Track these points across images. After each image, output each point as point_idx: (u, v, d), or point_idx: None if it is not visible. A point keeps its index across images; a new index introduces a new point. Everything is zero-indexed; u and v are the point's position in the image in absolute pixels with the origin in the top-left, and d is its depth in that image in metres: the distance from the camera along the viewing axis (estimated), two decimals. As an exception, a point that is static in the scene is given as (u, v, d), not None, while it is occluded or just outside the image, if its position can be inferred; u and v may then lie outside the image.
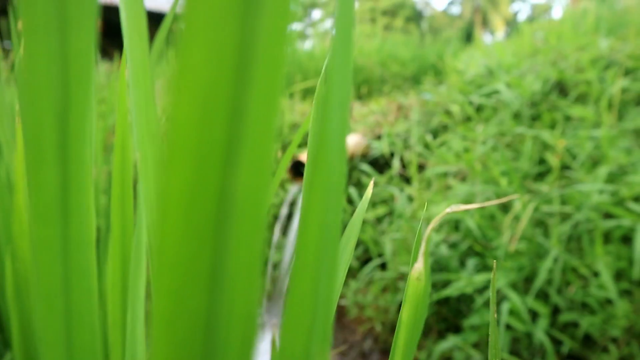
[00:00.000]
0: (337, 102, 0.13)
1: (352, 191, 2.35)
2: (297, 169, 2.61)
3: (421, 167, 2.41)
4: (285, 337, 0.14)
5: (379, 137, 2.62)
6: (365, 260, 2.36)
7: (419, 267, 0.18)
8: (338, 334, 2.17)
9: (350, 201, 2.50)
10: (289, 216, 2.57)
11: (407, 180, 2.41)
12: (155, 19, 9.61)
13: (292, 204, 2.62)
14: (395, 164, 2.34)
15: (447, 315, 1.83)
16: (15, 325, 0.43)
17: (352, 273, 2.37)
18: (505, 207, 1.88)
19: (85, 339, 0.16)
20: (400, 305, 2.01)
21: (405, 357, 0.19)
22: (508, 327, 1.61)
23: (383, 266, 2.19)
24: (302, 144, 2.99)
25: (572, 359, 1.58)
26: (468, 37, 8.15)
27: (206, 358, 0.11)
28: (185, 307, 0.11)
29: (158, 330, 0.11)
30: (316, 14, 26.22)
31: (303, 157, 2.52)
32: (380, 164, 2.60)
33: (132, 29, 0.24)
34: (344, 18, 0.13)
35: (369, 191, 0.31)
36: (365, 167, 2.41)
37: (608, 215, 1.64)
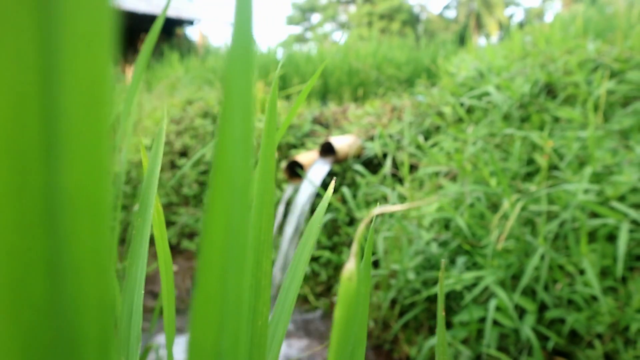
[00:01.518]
0: (238, 105, 0.13)
1: (346, 191, 2.35)
2: (292, 170, 2.61)
3: (414, 168, 2.41)
4: (194, 336, 0.14)
5: (372, 138, 2.62)
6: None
7: (350, 267, 0.17)
8: (331, 329, 2.16)
9: (344, 201, 2.50)
10: (285, 215, 2.57)
11: (400, 180, 2.41)
12: (148, 21, 9.59)
13: (288, 204, 2.61)
14: (387, 163, 2.33)
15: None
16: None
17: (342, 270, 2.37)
18: (494, 206, 1.88)
19: None
20: (392, 302, 2.00)
21: (338, 357, 0.19)
22: (496, 323, 1.61)
23: (376, 264, 2.19)
24: (298, 145, 2.99)
25: (558, 354, 1.58)
26: (462, 40, 8.15)
27: (57, 349, 0.11)
28: (25, 300, 0.11)
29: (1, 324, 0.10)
30: (315, 17, 26.23)
31: (299, 158, 2.52)
32: (374, 165, 2.60)
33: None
34: (241, 12, 0.12)
35: (329, 192, 0.31)
36: (359, 167, 2.40)
37: (595, 215, 1.64)
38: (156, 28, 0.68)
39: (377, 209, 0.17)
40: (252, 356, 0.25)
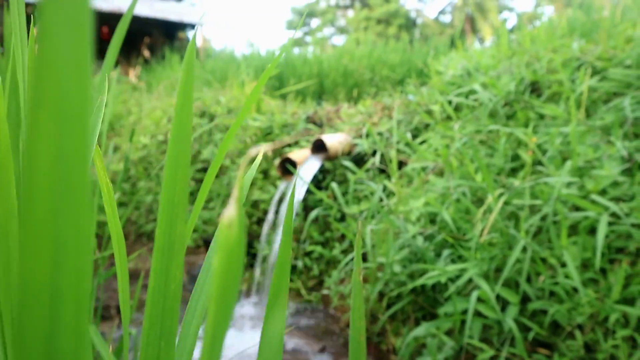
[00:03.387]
0: (68, 10, 0.12)
1: (335, 187, 2.33)
2: (285, 167, 2.59)
3: (403, 164, 2.39)
4: (25, 272, 0.13)
5: (362, 136, 2.61)
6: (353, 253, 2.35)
7: (230, 213, 0.16)
8: (322, 322, 2.15)
9: (335, 197, 2.49)
10: (277, 211, 2.56)
11: (389, 176, 2.39)
12: (150, 25, 9.58)
13: (281, 200, 2.60)
14: (374, 159, 2.32)
15: (424, 304, 1.81)
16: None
17: (334, 264, 2.36)
18: (480, 201, 1.87)
19: None
20: (380, 295, 1.98)
21: (220, 310, 0.17)
22: (480, 315, 1.60)
23: (364, 257, 2.18)
24: (292, 143, 2.98)
25: (540, 345, 1.57)
26: (455, 43, 8.14)
27: None
28: None
29: None
30: (314, 22, 26.23)
31: (291, 155, 2.50)
32: (364, 162, 2.58)
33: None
34: None
35: (259, 158, 0.30)
36: (348, 163, 2.39)
37: (576, 208, 1.62)
38: (122, 27, 0.66)
39: (254, 150, 0.16)
40: (165, 319, 0.24)
